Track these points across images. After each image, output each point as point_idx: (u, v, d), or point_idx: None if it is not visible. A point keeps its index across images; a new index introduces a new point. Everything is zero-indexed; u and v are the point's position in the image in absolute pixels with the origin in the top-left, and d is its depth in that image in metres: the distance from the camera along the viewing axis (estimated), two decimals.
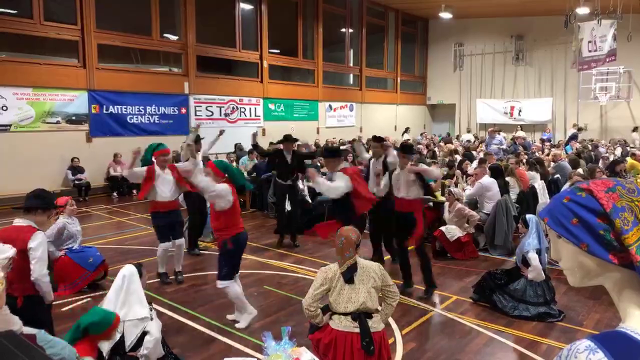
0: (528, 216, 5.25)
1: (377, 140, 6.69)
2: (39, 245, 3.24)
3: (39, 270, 3.21)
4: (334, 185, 5.35)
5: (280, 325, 3.53)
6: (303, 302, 3.27)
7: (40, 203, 3.39)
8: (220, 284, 4.58)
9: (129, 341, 3.22)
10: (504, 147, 14.10)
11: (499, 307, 4.96)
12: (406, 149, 5.59)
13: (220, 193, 4.43)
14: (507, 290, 4.99)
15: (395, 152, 6.19)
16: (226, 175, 4.65)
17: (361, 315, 3.18)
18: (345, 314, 3.18)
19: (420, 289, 5.54)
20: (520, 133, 18.10)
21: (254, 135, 8.11)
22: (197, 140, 8.01)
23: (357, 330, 3.14)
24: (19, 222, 3.37)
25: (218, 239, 4.66)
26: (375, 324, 3.23)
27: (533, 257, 4.87)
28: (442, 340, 4.42)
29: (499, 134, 15.42)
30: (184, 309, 5.05)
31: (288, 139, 7.71)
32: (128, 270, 3.42)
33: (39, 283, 3.24)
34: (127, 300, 3.30)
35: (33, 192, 3.45)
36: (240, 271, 6.32)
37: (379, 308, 3.33)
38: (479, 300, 5.21)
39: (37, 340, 2.59)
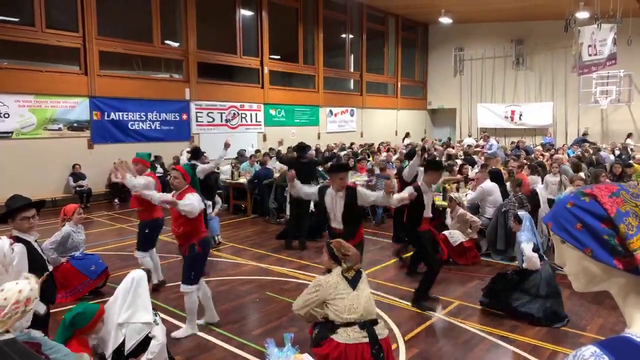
0: (520, 213, 5.26)
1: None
2: (13, 257, 3.21)
3: None
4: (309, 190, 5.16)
5: (282, 331, 3.52)
6: (294, 305, 3.31)
7: (6, 215, 3.38)
8: (185, 288, 4.53)
9: (129, 345, 3.20)
10: (493, 151, 13.96)
11: (513, 305, 4.87)
12: (435, 165, 5.43)
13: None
14: (520, 287, 4.94)
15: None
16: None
17: (367, 324, 3.18)
18: (350, 324, 3.17)
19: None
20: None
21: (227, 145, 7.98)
22: (198, 152, 8.02)
23: (367, 340, 3.14)
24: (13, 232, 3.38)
25: (183, 245, 4.58)
26: (380, 330, 3.24)
27: (526, 247, 4.90)
28: (445, 346, 4.40)
29: (490, 138, 15.46)
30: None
31: (303, 147, 8.03)
32: (137, 274, 3.42)
33: None
34: (134, 302, 3.30)
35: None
36: (242, 277, 6.34)
37: (379, 313, 3.39)
38: (487, 306, 5.09)
39: (42, 348, 2.59)
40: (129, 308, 3.26)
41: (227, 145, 7.79)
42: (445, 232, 6.88)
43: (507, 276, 5.12)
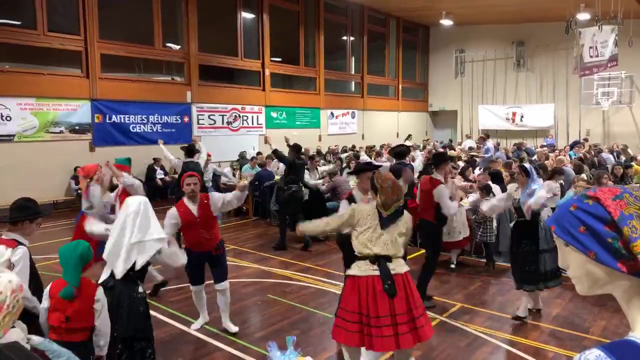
0: (526, 165, 5.22)
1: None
2: (18, 260, 3.11)
3: None
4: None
5: (284, 334, 3.52)
6: (324, 226, 3.48)
7: (24, 215, 3.27)
8: (225, 284, 4.72)
9: (141, 261, 3.22)
10: (490, 154, 13.76)
11: (550, 269, 4.78)
12: (442, 157, 5.70)
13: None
14: (542, 251, 4.83)
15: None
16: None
17: (380, 259, 3.24)
18: (364, 258, 3.27)
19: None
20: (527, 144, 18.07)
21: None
22: (193, 150, 8.10)
23: (377, 272, 3.21)
24: (7, 235, 3.24)
25: (213, 245, 4.61)
26: (397, 267, 3.27)
27: (541, 190, 4.73)
28: (448, 349, 4.39)
29: (486, 141, 15.42)
30: (187, 318, 5.03)
31: (299, 149, 8.24)
32: (142, 199, 3.43)
33: None
34: (146, 223, 3.30)
35: (15, 204, 3.31)
36: (243, 280, 6.34)
37: (401, 253, 3.39)
38: (532, 289, 4.92)
39: (46, 353, 2.58)
40: (142, 228, 3.28)
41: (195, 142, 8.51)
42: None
43: (525, 254, 4.83)
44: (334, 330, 3.40)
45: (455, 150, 15.26)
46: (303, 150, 9.28)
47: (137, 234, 3.26)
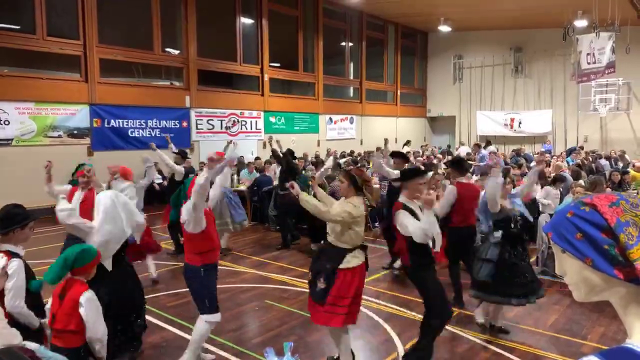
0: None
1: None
2: (13, 274, 2.96)
3: (11, 302, 2.93)
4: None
5: (282, 340, 3.50)
6: (334, 215, 3.64)
7: (13, 223, 3.08)
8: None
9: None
10: (485, 162, 13.64)
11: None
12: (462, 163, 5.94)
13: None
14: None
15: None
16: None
17: (364, 248, 3.82)
18: (354, 249, 3.74)
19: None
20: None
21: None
22: (186, 154, 8.23)
23: (364, 260, 3.80)
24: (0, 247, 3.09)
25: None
26: None
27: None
28: (445, 355, 4.38)
29: (484, 148, 15.40)
30: (185, 324, 5.00)
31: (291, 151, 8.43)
32: (115, 194, 3.97)
33: (14, 315, 2.93)
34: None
35: (2, 213, 3.12)
36: (241, 285, 6.32)
37: None
38: (478, 296, 4.77)
39: (36, 354, 2.57)
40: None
41: (168, 140, 9.21)
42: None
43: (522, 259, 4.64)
44: (330, 317, 3.67)
45: (452, 156, 15.28)
46: (302, 155, 9.35)
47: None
